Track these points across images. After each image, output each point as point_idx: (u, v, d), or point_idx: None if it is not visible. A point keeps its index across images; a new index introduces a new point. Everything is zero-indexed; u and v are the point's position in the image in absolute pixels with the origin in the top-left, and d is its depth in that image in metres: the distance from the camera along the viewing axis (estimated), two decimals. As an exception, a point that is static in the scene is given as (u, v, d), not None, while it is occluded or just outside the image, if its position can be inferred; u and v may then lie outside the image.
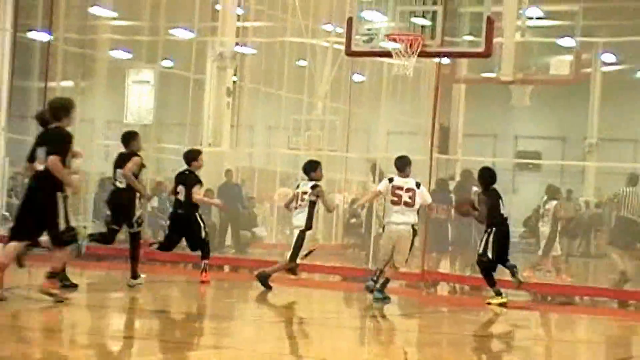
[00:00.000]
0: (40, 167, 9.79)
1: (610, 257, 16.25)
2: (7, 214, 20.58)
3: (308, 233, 12.99)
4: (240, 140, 21.97)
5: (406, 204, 12.38)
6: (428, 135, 18.04)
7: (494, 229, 12.65)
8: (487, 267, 12.75)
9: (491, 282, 12.84)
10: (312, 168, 13.18)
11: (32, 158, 10.04)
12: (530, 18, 19.40)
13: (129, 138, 12.68)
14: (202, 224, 13.24)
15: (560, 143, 32.37)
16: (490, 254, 12.60)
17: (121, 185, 12.25)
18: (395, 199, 12.42)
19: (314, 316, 12.01)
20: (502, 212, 12.72)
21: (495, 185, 12.93)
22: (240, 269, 16.94)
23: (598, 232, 23.36)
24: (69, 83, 21.38)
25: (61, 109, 9.90)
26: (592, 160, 28.08)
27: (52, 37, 18.48)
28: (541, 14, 21.53)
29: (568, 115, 30.77)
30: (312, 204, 12.93)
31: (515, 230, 27.69)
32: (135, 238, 12.33)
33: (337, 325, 10.74)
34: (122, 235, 19.01)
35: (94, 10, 20.74)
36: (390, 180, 12.57)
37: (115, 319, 10.11)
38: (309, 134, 22.07)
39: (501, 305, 12.70)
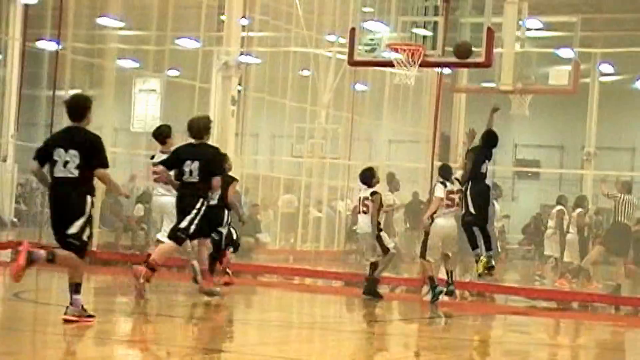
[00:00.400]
0: (192, 179, 10.65)
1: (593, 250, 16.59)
2: (15, 219, 20.88)
3: (382, 234, 13.60)
4: (244, 148, 22.16)
5: (457, 205, 13.40)
6: (429, 143, 18.36)
7: (469, 184, 12.82)
8: (472, 225, 12.77)
9: (475, 244, 12.85)
10: (372, 175, 13.80)
11: (173, 167, 10.74)
12: (530, 29, 19.55)
13: None
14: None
15: (559, 152, 32.56)
16: (472, 210, 12.72)
17: (212, 202, 12.92)
18: (450, 202, 13.40)
19: (316, 320, 12.19)
20: (481, 169, 12.89)
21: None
22: (242, 274, 17.16)
23: (597, 238, 23.58)
24: (77, 91, 21.60)
25: (207, 127, 10.95)
26: (590, 169, 28.28)
27: (60, 47, 18.67)
28: (540, 25, 21.73)
29: (566, 124, 30.95)
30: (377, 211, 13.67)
31: (515, 237, 28.06)
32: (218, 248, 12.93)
33: (338, 330, 10.88)
34: (128, 241, 19.38)
35: (102, 20, 20.93)
36: (445, 185, 13.44)
37: (120, 324, 10.16)
38: (312, 142, 22.30)
39: (488, 269, 12.86)
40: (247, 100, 21.61)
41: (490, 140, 13.14)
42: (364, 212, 13.60)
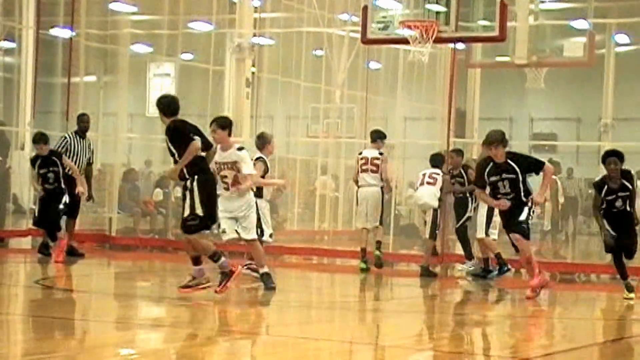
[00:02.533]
0: None
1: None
2: (34, 207, 20.92)
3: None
4: (260, 129, 22.09)
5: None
6: (444, 120, 18.30)
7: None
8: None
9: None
10: (443, 159, 14.44)
11: None
12: (543, 1, 19.44)
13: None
14: None
15: (576, 124, 32.44)
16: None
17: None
18: None
19: (336, 300, 12.24)
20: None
21: None
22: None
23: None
24: (91, 78, 21.76)
25: None
26: (607, 141, 28.09)
27: (74, 34, 18.71)
28: (554, -3, 21.65)
29: (583, 96, 30.80)
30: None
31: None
32: None
33: (358, 309, 11.00)
34: (147, 226, 19.44)
35: (115, 5, 20.95)
36: None
37: (142, 308, 10.25)
38: (327, 122, 22.30)
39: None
40: (261, 82, 21.57)
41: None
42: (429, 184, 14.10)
